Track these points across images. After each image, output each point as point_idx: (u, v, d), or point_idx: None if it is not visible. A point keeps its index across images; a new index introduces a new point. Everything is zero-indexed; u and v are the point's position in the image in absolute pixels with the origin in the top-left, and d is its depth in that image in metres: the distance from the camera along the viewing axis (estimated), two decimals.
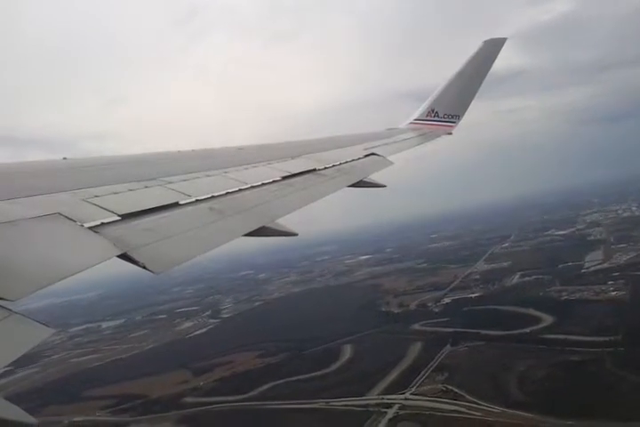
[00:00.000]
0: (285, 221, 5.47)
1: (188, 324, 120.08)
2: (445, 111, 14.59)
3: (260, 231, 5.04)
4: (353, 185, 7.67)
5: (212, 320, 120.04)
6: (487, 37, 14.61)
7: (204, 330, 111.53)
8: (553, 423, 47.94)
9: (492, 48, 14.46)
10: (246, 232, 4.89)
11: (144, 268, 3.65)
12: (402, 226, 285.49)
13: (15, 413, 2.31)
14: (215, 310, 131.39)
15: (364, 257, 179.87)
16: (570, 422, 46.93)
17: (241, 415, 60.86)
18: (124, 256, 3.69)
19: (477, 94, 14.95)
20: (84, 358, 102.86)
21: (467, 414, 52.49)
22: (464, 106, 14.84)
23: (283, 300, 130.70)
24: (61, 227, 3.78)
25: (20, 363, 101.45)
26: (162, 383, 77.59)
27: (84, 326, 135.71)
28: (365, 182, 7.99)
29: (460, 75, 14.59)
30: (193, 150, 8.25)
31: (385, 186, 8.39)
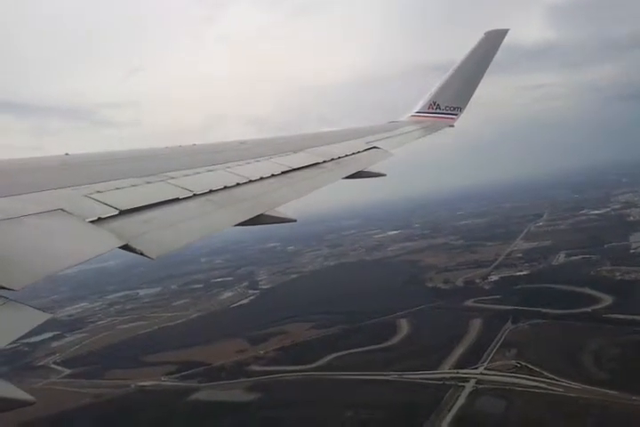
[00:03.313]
0: (292, 205, 5.92)
1: (227, 294, 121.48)
2: (447, 103, 14.57)
3: (259, 219, 5.27)
4: (351, 176, 8.06)
5: (251, 291, 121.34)
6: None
7: (247, 300, 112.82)
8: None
9: (493, 39, 14.28)
10: (243, 220, 5.10)
11: (142, 254, 3.86)
12: (419, 201, 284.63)
13: (13, 392, 2.42)
14: (252, 281, 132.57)
15: (393, 232, 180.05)
16: None
17: (314, 385, 61.73)
18: (125, 247, 3.91)
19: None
20: (131, 324, 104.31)
21: (548, 389, 53.10)
22: (466, 98, 14.78)
23: (319, 273, 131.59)
24: (64, 222, 3.91)
25: (67, 327, 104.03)
26: (220, 351, 78.76)
27: (121, 293, 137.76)
28: (364, 173, 8.35)
29: (462, 67, 14.43)
30: (194, 145, 8.47)
31: (385, 175, 8.63)
